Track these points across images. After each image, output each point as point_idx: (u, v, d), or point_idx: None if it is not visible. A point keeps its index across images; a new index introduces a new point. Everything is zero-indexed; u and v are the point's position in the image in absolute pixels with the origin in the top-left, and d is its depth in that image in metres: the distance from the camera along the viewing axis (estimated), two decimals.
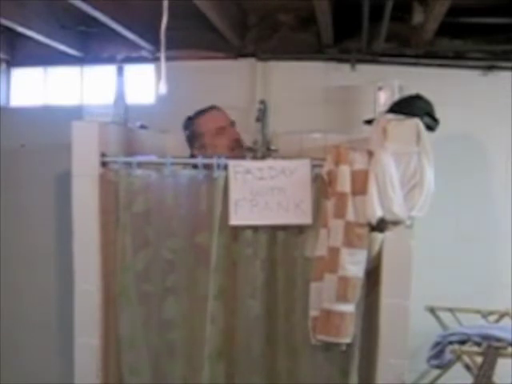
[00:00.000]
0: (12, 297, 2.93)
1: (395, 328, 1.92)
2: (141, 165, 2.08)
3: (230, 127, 2.37)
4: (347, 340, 1.90)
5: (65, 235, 2.15)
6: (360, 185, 1.88)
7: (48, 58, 2.93)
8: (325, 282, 1.89)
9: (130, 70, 2.70)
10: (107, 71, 2.90)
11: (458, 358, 2.18)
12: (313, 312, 1.93)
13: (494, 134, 2.57)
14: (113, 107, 2.28)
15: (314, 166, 1.98)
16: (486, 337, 2.12)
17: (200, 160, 2.05)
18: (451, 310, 2.46)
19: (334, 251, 1.88)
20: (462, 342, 2.16)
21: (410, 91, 2.04)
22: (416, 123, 1.88)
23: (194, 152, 2.34)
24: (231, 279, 2.04)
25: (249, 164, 2.01)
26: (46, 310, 2.89)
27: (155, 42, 2.56)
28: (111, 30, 2.49)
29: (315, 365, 2.01)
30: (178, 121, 2.44)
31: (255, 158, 2.30)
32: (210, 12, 2.23)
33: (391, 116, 1.93)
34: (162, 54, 1.75)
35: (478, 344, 2.12)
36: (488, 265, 2.60)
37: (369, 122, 2.07)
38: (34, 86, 3.06)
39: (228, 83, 2.72)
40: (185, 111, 2.42)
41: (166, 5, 1.69)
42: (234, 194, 1.99)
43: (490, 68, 2.57)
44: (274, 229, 2.01)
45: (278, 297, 2.03)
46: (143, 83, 2.93)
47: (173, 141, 2.51)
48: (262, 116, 2.42)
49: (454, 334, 2.21)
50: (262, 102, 2.47)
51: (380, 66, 2.61)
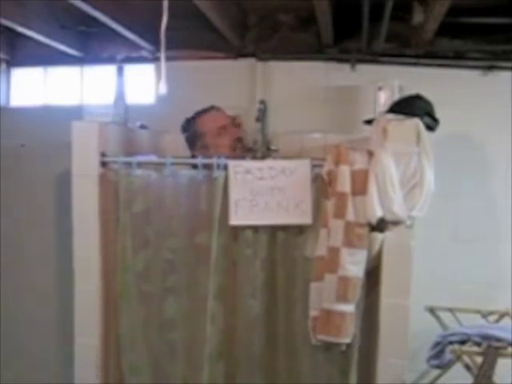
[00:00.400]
0: (12, 297, 2.93)
1: (395, 328, 1.92)
2: (141, 165, 2.09)
3: (231, 126, 2.37)
4: (347, 340, 1.90)
5: (65, 235, 2.15)
6: (360, 185, 1.88)
7: (48, 58, 2.93)
8: (325, 282, 1.89)
9: (130, 70, 2.70)
10: (107, 71, 2.90)
11: (458, 357, 2.18)
12: (313, 312, 1.93)
13: (494, 133, 2.57)
14: (113, 107, 2.28)
15: (314, 166, 1.98)
16: (485, 337, 2.11)
17: (200, 160, 2.05)
18: (451, 310, 2.46)
19: (334, 251, 1.88)
20: (462, 342, 2.16)
21: (410, 91, 2.03)
22: (416, 123, 1.88)
23: (196, 153, 2.33)
24: (231, 279, 2.04)
25: (249, 164, 2.01)
26: (46, 310, 2.89)
27: (155, 42, 2.56)
28: (111, 29, 2.49)
29: (315, 365, 2.01)
30: (178, 121, 2.44)
31: (255, 158, 2.30)
32: (210, 12, 2.22)
33: (391, 116, 1.93)
34: (162, 54, 1.75)
35: (478, 344, 2.12)
36: (488, 265, 2.59)
37: (369, 121, 2.07)
38: (34, 86, 3.05)
39: (228, 83, 2.72)
40: (185, 111, 2.42)
41: (165, 5, 1.69)
42: (234, 194, 1.99)
43: (490, 68, 2.57)
44: (274, 229, 2.01)
45: (278, 297, 2.03)
46: (143, 83, 2.92)
47: (173, 141, 2.51)
48: (262, 116, 2.42)
49: (453, 334, 2.20)
50: (262, 101, 2.47)
51: (380, 65, 2.61)
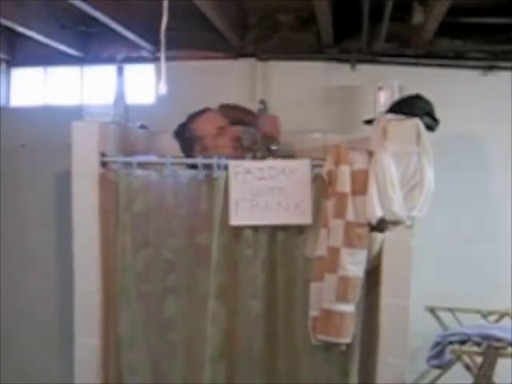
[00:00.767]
0: (12, 296, 2.93)
1: (395, 328, 1.92)
2: (141, 165, 2.09)
3: (228, 126, 2.36)
4: (347, 340, 1.90)
5: (65, 235, 2.15)
6: (360, 185, 1.88)
7: (48, 57, 2.93)
8: (325, 282, 1.89)
9: (130, 70, 2.70)
10: (107, 71, 2.90)
11: (458, 357, 2.18)
12: (313, 312, 1.93)
13: (494, 133, 2.57)
14: (113, 107, 2.28)
15: (314, 166, 1.98)
16: (486, 337, 2.12)
17: (200, 160, 2.05)
18: (451, 310, 2.46)
19: (334, 251, 1.88)
20: (462, 342, 2.16)
21: (410, 91, 2.04)
22: (416, 123, 1.88)
23: (196, 156, 2.32)
24: (231, 279, 2.04)
25: (249, 164, 2.01)
26: (46, 309, 2.89)
27: (155, 42, 2.56)
28: (111, 30, 2.49)
29: (315, 365, 2.01)
30: (178, 121, 2.43)
31: (255, 158, 2.30)
32: (210, 12, 2.23)
33: (391, 116, 1.93)
34: (162, 54, 1.75)
35: (478, 344, 2.12)
36: (488, 265, 2.59)
37: (369, 121, 2.07)
38: (34, 86, 3.05)
39: (228, 83, 2.72)
40: (185, 111, 2.41)
41: (165, 5, 1.69)
42: (234, 194, 1.99)
43: (490, 68, 2.57)
44: (274, 229, 2.01)
45: (278, 297, 2.03)
46: (143, 83, 2.92)
47: (173, 141, 2.50)
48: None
49: (453, 334, 2.21)
50: (262, 101, 2.48)
51: (380, 65, 2.61)
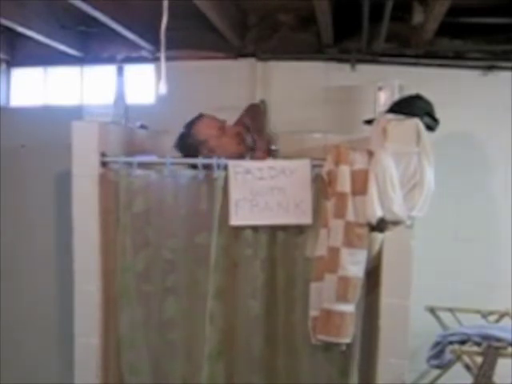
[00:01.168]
0: (12, 297, 2.93)
1: (395, 328, 1.92)
2: (141, 165, 2.09)
3: (226, 125, 2.35)
4: (347, 340, 1.90)
5: (65, 235, 2.15)
6: (360, 185, 1.88)
7: (48, 57, 2.93)
8: (325, 282, 1.89)
9: (130, 70, 2.70)
10: (107, 71, 2.90)
11: (458, 357, 2.18)
12: (313, 312, 1.93)
13: (494, 134, 2.57)
14: (113, 107, 2.28)
15: (314, 166, 1.98)
16: (486, 337, 2.11)
17: (200, 160, 2.05)
18: (451, 310, 2.46)
19: (334, 251, 1.88)
20: (462, 342, 2.16)
21: (410, 91, 2.03)
22: (416, 123, 1.88)
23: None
24: (231, 279, 2.04)
25: (249, 164, 2.01)
26: (46, 310, 2.89)
27: (155, 42, 2.56)
28: (111, 30, 2.49)
29: (315, 365, 2.01)
30: (178, 121, 2.43)
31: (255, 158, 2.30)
32: (210, 12, 2.22)
33: (391, 116, 1.93)
34: (162, 54, 1.75)
35: (478, 344, 2.12)
36: (488, 265, 2.59)
37: (369, 121, 2.07)
38: (34, 86, 3.05)
39: (228, 83, 2.72)
40: (185, 111, 2.41)
41: (165, 5, 1.69)
42: (234, 194, 1.99)
43: (490, 68, 2.57)
44: (274, 229, 2.01)
45: (278, 297, 2.04)
46: (143, 83, 2.92)
47: (173, 141, 2.50)
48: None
49: (453, 334, 2.21)
50: (262, 101, 2.48)
51: (380, 65, 2.61)
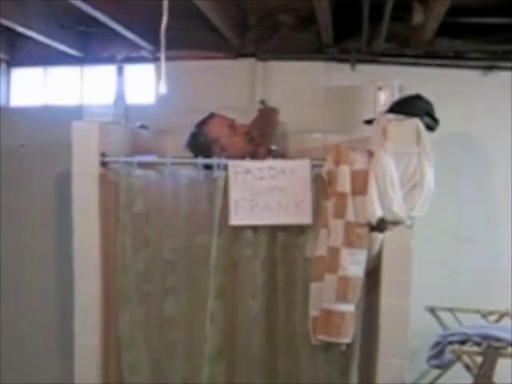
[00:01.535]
0: (12, 297, 2.93)
1: (395, 328, 1.92)
2: (141, 165, 2.09)
3: (236, 124, 2.35)
4: (347, 340, 1.90)
5: (65, 235, 2.15)
6: (360, 185, 1.88)
7: (48, 57, 2.93)
8: (325, 282, 1.89)
9: (130, 70, 2.70)
10: (107, 71, 2.90)
11: (458, 357, 2.18)
12: (313, 312, 1.93)
13: (494, 133, 2.57)
14: (113, 107, 2.28)
15: (313, 166, 1.98)
16: (486, 337, 2.12)
17: (200, 160, 2.05)
18: (451, 310, 2.46)
19: (334, 251, 1.88)
20: (462, 342, 2.16)
21: (410, 91, 2.03)
22: (416, 123, 1.88)
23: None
24: (231, 279, 2.04)
25: (249, 164, 2.01)
26: (46, 309, 2.89)
27: (155, 42, 2.56)
28: (111, 30, 2.49)
29: (315, 365, 2.01)
30: (178, 121, 2.44)
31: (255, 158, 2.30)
32: (210, 12, 2.22)
33: (391, 116, 1.93)
34: (162, 54, 1.75)
35: (478, 344, 2.12)
36: (488, 265, 2.59)
37: (369, 121, 2.07)
38: (34, 86, 3.05)
39: (228, 83, 2.72)
40: (185, 111, 2.42)
41: (165, 5, 1.69)
42: (234, 194, 1.99)
43: (490, 68, 2.57)
44: (274, 229, 2.01)
45: (278, 297, 2.04)
46: (143, 83, 2.92)
47: (173, 141, 2.50)
48: None
49: (454, 334, 2.21)
50: (262, 101, 2.47)
51: (380, 65, 2.61)
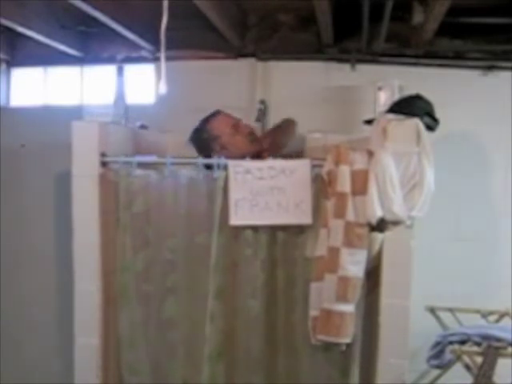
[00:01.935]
0: (12, 297, 2.93)
1: (395, 328, 1.92)
2: (141, 165, 2.09)
3: (240, 124, 2.35)
4: (347, 340, 1.90)
5: (65, 235, 2.15)
6: (360, 185, 1.88)
7: (48, 57, 2.93)
8: (325, 282, 1.89)
9: (130, 70, 2.70)
10: (107, 71, 2.90)
11: (458, 357, 2.18)
12: (313, 312, 1.93)
13: (494, 133, 2.57)
14: (113, 107, 2.28)
15: (313, 166, 1.98)
16: (486, 337, 2.12)
17: (200, 160, 2.05)
18: (451, 310, 2.46)
19: (334, 251, 1.88)
20: (462, 342, 2.16)
21: (410, 91, 2.03)
22: (416, 123, 1.88)
23: (216, 155, 2.31)
24: (231, 279, 2.04)
25: (249, 164, 2.01)
26: (46, 310, 2.89)
27: (155, 42, 2.56)
28: (111, 30, 2.49)
29: (315, 365, 2.01)
30: (178, 121, 2.44)
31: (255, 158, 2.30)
32: (210, 12, 2.23)
33: (391, 116, 1.93)
34: (162, 54, 1.75)
35: (478, 344, 2.12)
36: (488, 265, 2.59)
37: (369, 121, 2.07)
38: (34, 86, 3.06)
39: (228, 83, 2.72)
40: (185, 111, 2.42)
41: (165, 5, 1.69)
42: (234, 194, 1.99)
43: (490, 68, 2.57)
44: (274, 229, 2.00)
45: (278, 297, 2.03)
46: (143, 83, 2.93)
47: (173, 141, 2.50)
48: (262, 116, 2.42)
49: (453, 334, 2.21)
50: (262, 101, 2.48)
51: (380, 65, 2.61)
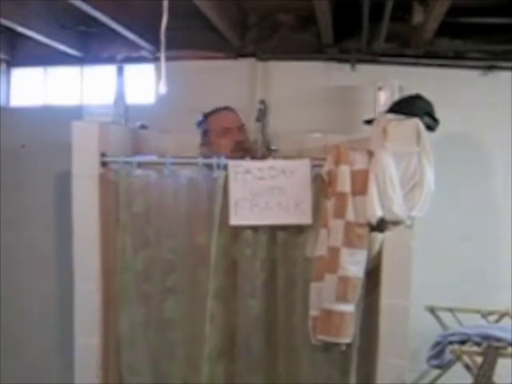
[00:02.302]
0: (12, 297, 2.93)
1: (395, 328, 1.91)
2: (141, 165, 2.09)
3: (237, 130, 2.36)
4: (347, 340, 1.90)
5: (65, 235, 2.15)
6: (360, 185, 1.88)
7: (48, 57, 2.93)
8: (325, 282, 1.89)
9: (130, 70, 2.70)
10: (107, 71, 2.90)
11: (458, 357, 2.18)
12: (313, 312, 1.93)
13: (494, 133, 2.57)
14: (113, 107, 2.28)
15: (313, 166, 1.97)
16: (486, 337, 2.11)
17: (200, 160, 2.05)
18: (451, 310, 2.46)
19: (334, 251, 1.88)
20: (462, 342, 2.16)
21: (410, 91, 2.03)
22: (416, 123, 1.88)
23: (201, 148, 2.38)
24: (231, 279, 2.04)
25: (249, 164, 2.01)
26: (46, 310, 2.89)
27: (155, 42, 2.56)
28: (111, 30, 2.49)
29: (315, 365, 2.01)
30: (178, 121, 2.44)
31: (255, 158, 2.30)
32: (210, 12, 2.23)
33: (391, 116, 1.92)
34: (162, 54, 1.75)
35: (478, 344, 2.12)
36: (488, 265, 2.59)
37: (369, 121, 2.07)
38: (34, 86, 3.06)
39: (228, 83, 2.72)
40: (185, 111, 2.42)
41: (165, 5, 1.69)
42: (234, 194, 1.99)
43: (490, 68, 2.57)
44: (274, 229, 2.00)
45: (278, 297, 2.03)
46: (143, 83, 2.93)
47: (173, 141, 2.50)
48: (262, 116, 2.42)
49: (453, 334, 2.20)
50: (262, 101, 2.47)
51: (380, 66, 2.61)
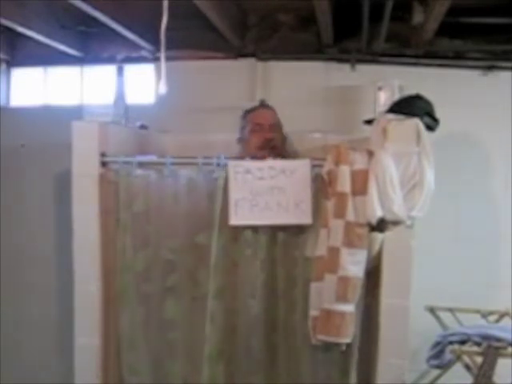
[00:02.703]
0: (12, 297, 2.93)
1: (395, 328, 1.91)
2: (141, 165, 2.09)
3: (269, 127, 2.35)
4: (347, 340, 1.90)
5: (65, 235, 2.15)
6: (360, 185, 1.88)
7: (48, 57, 2.93)
8: (325, 282, 1.89)
9: (130, 70, 2.70)
10: (107, 71, 2.91)
11: (458, 357, 2.18)
12: (313, 312, 1.92)
13: (494, 133, 2.57)
14: (113, 107, 2.28)
15: (313, 166, 1.97)
16: (486, 337, 2.11)
17: (200, 160, 2.05)
18: (451, 310, 2.46)
19: (334, 251, 1.88)
20: (462, 342, 2.16)
21: (410, 91, 2.03)
22: (416, 123, 1.88)
23: (237, 144, 2.41)
24: (231, 279, 2.04)
25: (249, 164, 2.01)
26: (46, 309, 2.89)
27: (155, 42, 2.56)
28: (111, 30, 2.49)
29: (315, 365, 2.01)
30: (178, 121, 2.44)
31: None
32: (210, 12, 2.23)
33: (391, 116, 1.92)
34: (162, 54, 1.75)
35: (478, 344, 2.12)
36: (488, 265, 2.59)
37: (369, 121, 2.07)
38: (34, 86, 3.06)
39: (228, 83, 2.72)
40: (185, 111, 2.42)
41: (165, 5, 1.69)
42: (234, 194, 1.99)
43: (490, 68, 2.57)
44: (274, 229, 2.00)
45: (278, 297, 2.03)
46: (143, 83, 2.93)
47: (173, 141, 2.50)
48: None
49: (453, 334, 2.20)
50: (262, 101, 2.47)
51: (380, 65, 2.61)
